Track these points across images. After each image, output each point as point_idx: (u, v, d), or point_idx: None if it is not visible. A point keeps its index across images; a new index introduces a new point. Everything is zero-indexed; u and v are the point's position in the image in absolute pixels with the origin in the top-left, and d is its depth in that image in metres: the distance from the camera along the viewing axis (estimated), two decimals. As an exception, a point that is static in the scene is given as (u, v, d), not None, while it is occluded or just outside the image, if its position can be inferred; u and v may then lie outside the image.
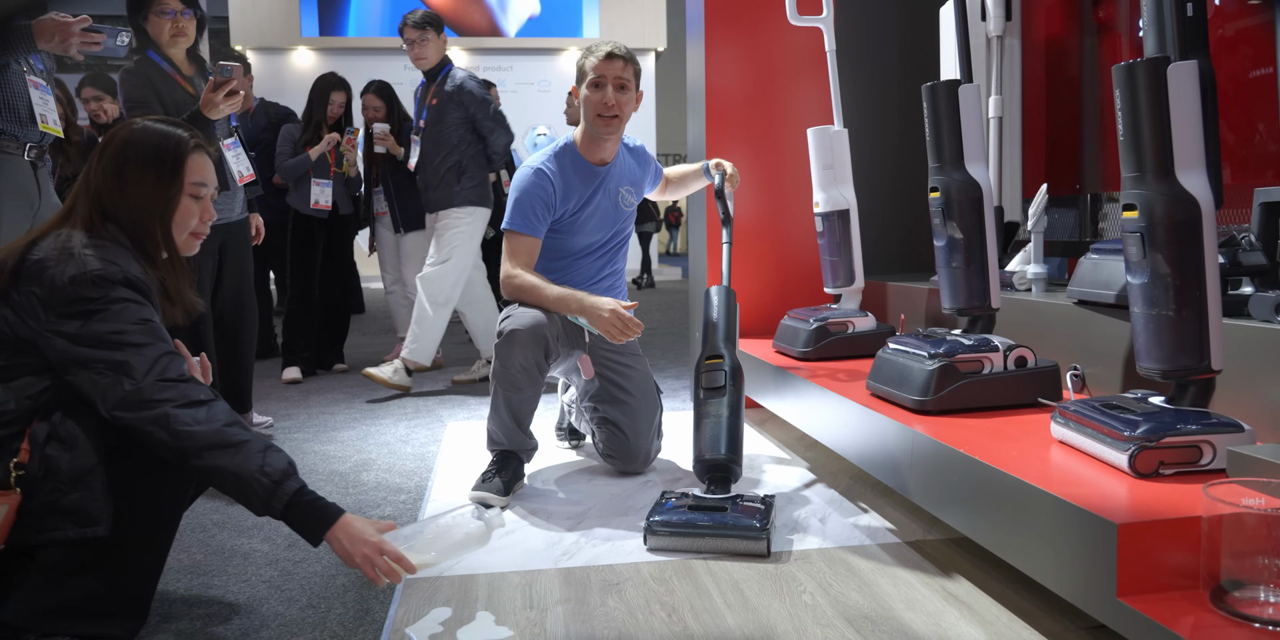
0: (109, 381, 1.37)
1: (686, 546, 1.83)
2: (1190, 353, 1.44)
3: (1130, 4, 2.53)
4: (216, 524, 2.12)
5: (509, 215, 2.29)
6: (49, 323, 1.38)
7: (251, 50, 10.21)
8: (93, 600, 1.42)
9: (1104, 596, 1.22)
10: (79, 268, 1.39)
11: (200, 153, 1.57)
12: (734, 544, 1.81)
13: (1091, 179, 2.71)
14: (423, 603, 1.63)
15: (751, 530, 1.80)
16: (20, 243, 1.45)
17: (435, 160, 3.71)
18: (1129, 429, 1.44)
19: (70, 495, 1.35)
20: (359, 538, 1.41)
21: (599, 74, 2.24)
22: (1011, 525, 1.44)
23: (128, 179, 1.50)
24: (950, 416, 1.88)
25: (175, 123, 1.58)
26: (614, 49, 2.24)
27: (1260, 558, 1.15)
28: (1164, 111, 1.38)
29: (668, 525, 1.84)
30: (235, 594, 1.71)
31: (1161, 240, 1.42)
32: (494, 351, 2.19)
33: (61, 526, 1.35)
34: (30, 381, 1.40)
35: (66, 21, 2.11)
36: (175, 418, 1.37)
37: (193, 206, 1.56)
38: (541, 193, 2.27)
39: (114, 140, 1.53)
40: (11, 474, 1.35)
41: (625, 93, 2.26)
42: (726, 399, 2.03)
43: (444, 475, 2.45)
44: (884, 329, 2.73)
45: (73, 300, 1.38)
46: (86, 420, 1.40)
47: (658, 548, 1.85)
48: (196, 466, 1.38)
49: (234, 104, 2.64)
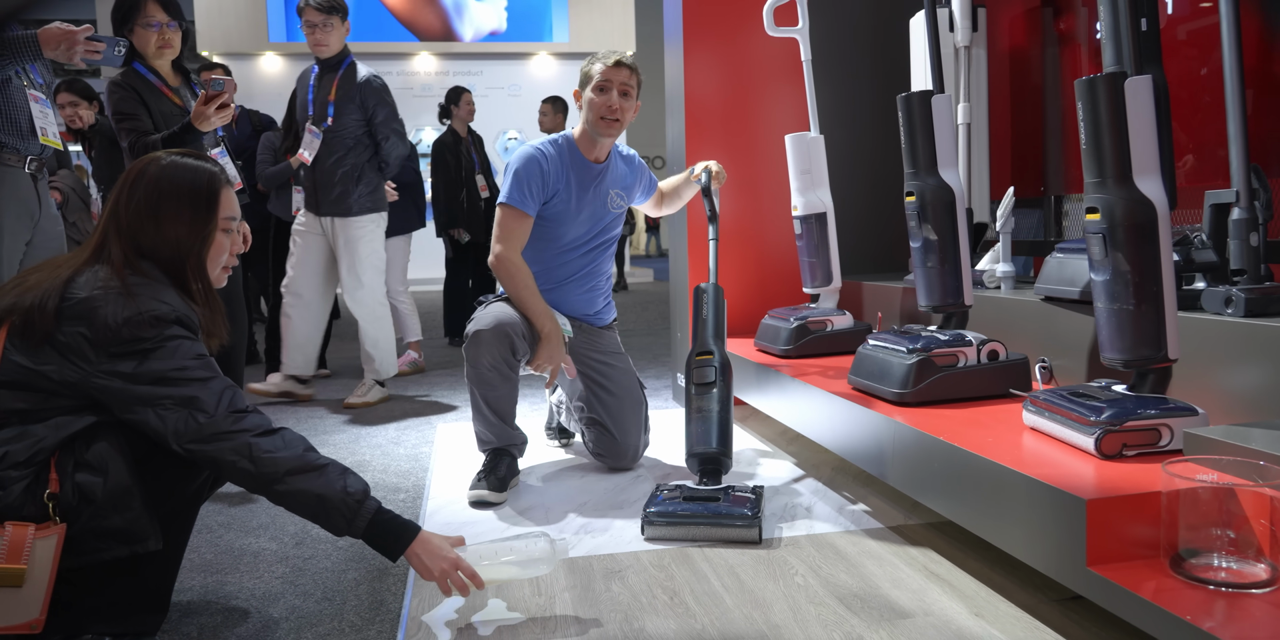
0: (179, 417, 1.40)
1: (682, 535, 1.93)
2: (1149, 344, 1.56)
3: (1090, 16, 2.68)
4: (222, 524, 2.18)
5: (507, 189, 2.38)
6: (101, 363, 1.39)
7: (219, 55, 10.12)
8: (117, 598, 1.46)
9: (1074, 566, 1.33)
10: (133, 309, 1.40)
11: (228, 187, 1.58)
12: (727, 532, 1.91)
13: (1055, 182, 2.85)
14: (435, 593, 1.70)
15: (744, 519, 1.90)
16: (53, 282, 1.43)
17: (329, 161, 3.50)
18: (1094, 415, 1.56)
19: (112, 518, 1.37)
20: (437, 554, 1.48)
21: (605, 79, 2.34)
22: (988, 506, 1.55)
23: (164, 217, 1.51)
24: (928, 407, 2.00)
25: (198, 155, 1.58)
26: (622, 58, 2.36)
27: (1213, 529, 1.26)
28: (1122, 122, 1.50)
29: (664, 516, 1.94)
30: (251, 590, 1.78)
31: (1121, 240, 1.54)
32: (464, 354, 2.28)
33: (110, 547, 1.37)
34: (68, 420, 1.40)
35: (72, 30, 2.16)
36: (257, 446, 1.41)
37: (225, 241, 1.58)
38: (538, 168, 2.36)
39: (144, 177, 1.52)
40: (49, 505, 1.36)
41: (628, 99, 2.37)
42: (716, 393, 2.11)
43: (440, 474, 2.53)
44: (861, 326, 2.84)
45: (126, 341, 1.39)
46: (111, 443, 1.41)
47: (655, 537, 1.94)
48: (279, 491, 1.42)
49: (225, 116, 2.69)
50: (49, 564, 1.34)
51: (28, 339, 1.39)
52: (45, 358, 1.39)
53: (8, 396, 1.40)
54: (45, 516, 1.36)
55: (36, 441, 1.38)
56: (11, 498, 1.34)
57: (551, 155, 2.40)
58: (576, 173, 2.42)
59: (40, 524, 1.34)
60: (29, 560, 1.32)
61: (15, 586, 1.32)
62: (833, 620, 1.54)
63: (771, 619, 1.55)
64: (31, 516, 1.35)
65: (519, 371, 2.35)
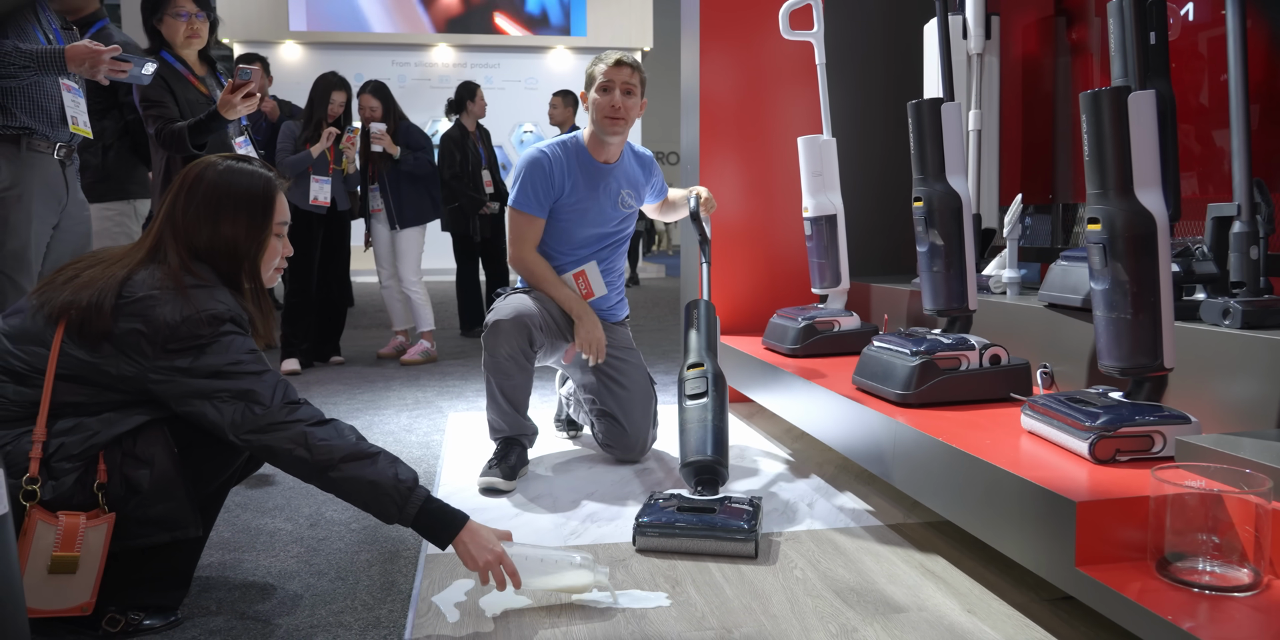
0: (236, 409, 1.45)
1: (675, 547, 1.85)
2: (1145, 352, 1.60)
3: (1101, 26, 2.70)
4: (239, 505, 2.24)
5: (514, 194, 2.47)
6: (158, 359, 1.44)
7: (239, 43, 10.21)
8: (146, 577, 1.52)
9: (1064, 566, 1.37)
10: (192, 308, 1.45)
11: (280, 191, 1.63)
12: (722, 546, 1.83)
13: (1064, 189, 2.88)
14: (445, 575, 1.77)
15: (740, 532, 1.83)
16: (109, 281, 1.48)
17: None
18: (1090, 420, 1.60)
19: (156, 507, 1.44)
20: (484, 546, 1.53)
21: (608, 79, 2.40)
22: (984, 506, 1.60)
23: (222, 221, 1.55)
24: (930, 409, 2.04)
25: (250, 159, 1.63)
26: (622, 57, 2.41)
27: (1199, 533, 1.31)
28: (1124, 136, 1.54)
29: (656, 526, 1.86)
30: (268, 567, 1.84)
31: (1121, 251, 1.58)
32: (483, 343, 2.35)
33: (153, 533, 1.45)
34: (118, 417, 1.46)
35: (98, 50, 2.20)
36: (312, 435, 1.46)
37: (278, 245, 1.63)
38: (540, 172, 2.44)
39: (202, 181, 1.56)
40: (98, 494, 1.42)
41: (631, 97, 2.42)
42: (710, 402, 2.11)
43: (451, 462, 2.59)
44: (868, 328, 2.89)
45: (184, 337, 1.44)
46: (156, 436, 1.47)
47: (646, 548, 1.87)
48: (333, 478, 1.46)
49: (250, 105, 2.75)
50: (99, 551, 1.41)
51: (85, 336, 1.45)
52: (104, 352, 1.45)
53: (65, 389, 1.46)
54: (94, 505, 1.42)
55: (90, 436, 1.44)
56: (64, 488, 1.41)
57: (558, 156, 2.46)
58: (585, 173, 2.48)
59: (90, 513, 1.41)
60: (82, 548, 1.39)
61: (70, 573, 1.39)
62: (829, 612, 1.59)
63: (770, 609, 1.60)
64: (81, 505, 1.42)
65: (535, 362, 2.41)
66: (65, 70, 2.22)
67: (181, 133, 2.74)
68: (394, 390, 3.78)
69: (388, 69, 10.39)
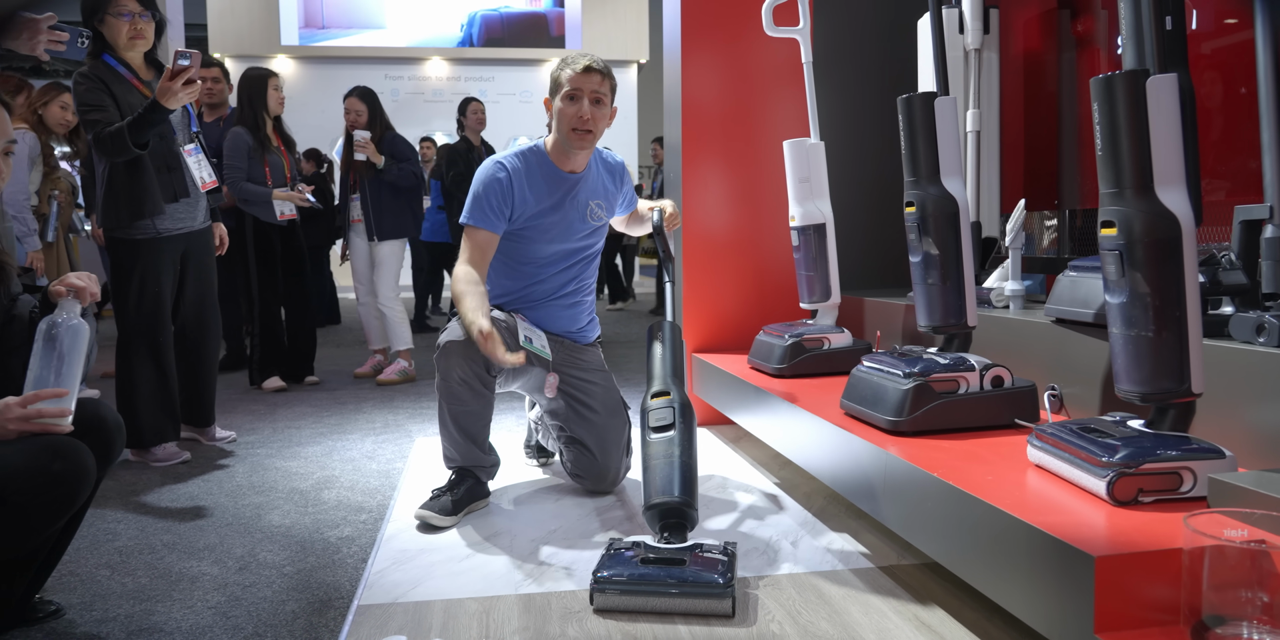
0: None
1: (639, 606, 1.61)
2: (1170, 375, 1.39)
3: (1109, 18, 2.52)
4: (166, 545, 2.04)
5: (466, 209, 2.24)
6: None
7: (230, 58, 10.09)
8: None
9: (1081, 632, 1.16)
10: None
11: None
12: (694, 603, 1.60)
13: (1071, 194, 2.68)
14: (374, 630, 1.56)
15: (714, 587, 1.59)
16: None
17: None
18: (1107, 454, 1.39)
19: None
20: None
21: (575, 87, 2.19)
22: (986, 554, 1.39)
23: None
24: (925, 437, 1.83)
25: None
26: (591, 62, 2.19)
27: (1243, 591, 1.10)
28: (1143, 125, 1.34)
29: (616, 583, 1.62)
30: (178, 621, 1.63)
31: (1140, 258, 1.37)
32: (435, 365, 2.13)
33: None
34: None
35: (34, 18, 2.05)
36: None
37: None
38: (497, 186, 2.21)
39: None
40: None
41: (600, 107, 2.21)
42: (677, 436, 1.87)
43: (407, 494, 2.37)
44: (860, 345, 2.68)
45: None
46: None
47: (605, 608, 1.63)
48: None
49: (192, 92, 2.59)
50: None
51: None
52: None
53: None
54: None
55: None
56: None
57: (517, 168, 2.24)
58: (548, 184, 2.27)
59: None
60: None
61: None
62: (807, 679, 1.37)
63: (739, 675, 1.39)
64: None
65: (494, 389, 2.20)
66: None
67: (120, 132, 2.56)
68: (364, 412, 3.57)
69: (380, 83, 10.25)
